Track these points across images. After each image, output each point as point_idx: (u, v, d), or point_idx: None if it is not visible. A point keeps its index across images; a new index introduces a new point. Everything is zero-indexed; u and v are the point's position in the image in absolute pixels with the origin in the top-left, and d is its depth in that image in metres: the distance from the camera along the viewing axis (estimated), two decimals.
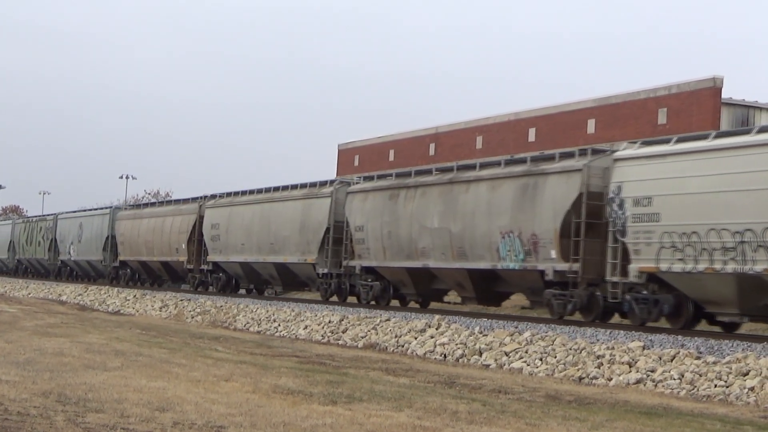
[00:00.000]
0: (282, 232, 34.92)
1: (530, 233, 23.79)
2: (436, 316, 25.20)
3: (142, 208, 50.60)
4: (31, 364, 14.82)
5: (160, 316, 36.77)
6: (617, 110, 45.73)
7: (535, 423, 11.51)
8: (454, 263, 26.48)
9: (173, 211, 44.91)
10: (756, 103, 43.40)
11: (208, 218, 40.79)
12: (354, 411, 11.59)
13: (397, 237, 28.58)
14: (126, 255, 49.42)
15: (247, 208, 37.84)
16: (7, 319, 26.81)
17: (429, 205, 27.53)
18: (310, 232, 33.28)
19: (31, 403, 10.83)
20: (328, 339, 26.57)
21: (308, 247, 33.25)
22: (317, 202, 33.30)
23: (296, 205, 34.48)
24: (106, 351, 17.85)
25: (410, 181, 28.99)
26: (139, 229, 47.59)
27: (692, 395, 16.18)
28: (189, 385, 13.22)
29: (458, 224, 26.20)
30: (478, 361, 20.95)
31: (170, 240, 43.93)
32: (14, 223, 70.30)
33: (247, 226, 37.43)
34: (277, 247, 35.22)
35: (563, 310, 23.36)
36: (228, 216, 39.14)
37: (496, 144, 52.32)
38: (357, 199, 31.07)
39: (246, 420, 10.43)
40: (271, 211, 36.02)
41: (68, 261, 57.76)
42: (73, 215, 59.04)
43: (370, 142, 64.88)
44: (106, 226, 51.84)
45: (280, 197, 35.92)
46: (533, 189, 24.05)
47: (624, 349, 18.73)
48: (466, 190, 26.33)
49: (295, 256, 34.04)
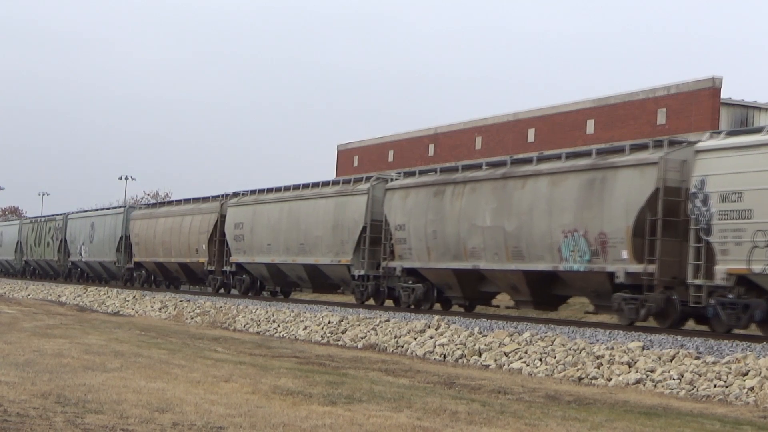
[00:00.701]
0: (313, 232, 33.24)
1: (598, 232, 22.22)
2: (436, 316, 25.20)
3: (158, 207, 48.50)
4: (30, 365, 14.82)
5: (159, 317, 36.76)
6: (616, 111, 45.73)
7: (534, 423, 11.51)
8: (508, 264, 24.78)
9: (192, 210, 42.95)
10: (755, 103, 43.40)
11: (230, 217, 39.00)
12: (353, 411, 11.59)
13: (444, 236, 26.84)
14: (141, 256, 47.65)
15: (274, 206, 36.14)
16: (7, 320, 26.80)
17: (480, 202, 25.76)
18: (344, 232, 31.58)
19: (30, 404, 10.83)
20: (327, 340, 26.57)
21: (342, 248, 31.55)
22: (352, 200, 31.55)
23: (329, 203, 32.76)
24: (105, 352, 17.85)
25: (458, 176, 27.11)
26: (155, 229, 45.75)
27: (692, 395, 16.18)
28: (188, 386, 13.22)
29: (513, 222, 24.53)
30: (477, 362, 20.95)
31: (189, 240, 42.14)
32: (21, 224, 68.51)
33: (274, 226, 35.75)
34: (307, 248, 33.56)
35: (635, 315, 21.69)
36: (252, 215, 37.38)
37: (495, 144, 52.33)
38: (397, 196, 29.28)
39: (245, 421, 10.43)
40: (301, 210, 34.34)
41: (79, 262, 56.15)
42: (84, 215, 57.30)
43: (369, 143, 64.87)
44: (119, 226, 50.06)
45: (311, 194, 34.15)
46: (601, 184, 22.42)
47: (623, 350, 18.73)
48: (523, 186, 24.56)
49: (328, 257, 32.37)
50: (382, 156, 62.30)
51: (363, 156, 64.91)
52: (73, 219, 57.61)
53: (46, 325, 25.75)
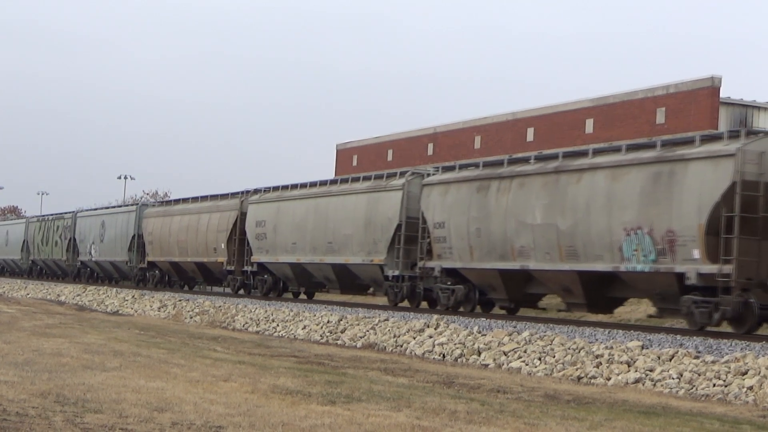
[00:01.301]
0: (342, 230, 31.61)
1: (665, 230, 20.59)
2: (435, 315, 25.19)
3: (173, 204, 46.06)
4: (29, 364, 14.82)
5: (158, 316, 36.75)
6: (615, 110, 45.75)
7: (533, 423, 11.51)
8: (561, 264, 23.19)
9: (210, 207, 40.98)
10: (754, 103, 43.43)
11: (251, 215, 37.22)
12: (353, 411, 11.59)
13: (488, 235, 25.24)
14: (155, 255, 45.65)
15: (300, 203, 34.47)
16: (6, 319, 26.80)
17: (529, 198, 24.17)
18: (377, 230, 29.94)
19: (29, 404, 10.82)
20: (326, 339, 26.56)
21: (375, 247, 29.96)
22: (386, 196, 29.89)
23: (360, 200, 31.11)
24: (104, 351, 17.84)
25: (503, 170, 25.42)
26: (170, 228, 43.73)
27: (691, 394, 16.18)
28: (187, 386, 13.21)
29: (567, 220, 22.95)
30: (476, 361, 20.95)
31: (207, 239, 40.23)
32: (28, 222, 66.19)
33: (299, 224, 34.07)
34: (336, 247, 31.93)
35: (707, 319, 20.15)
36: (276, 212, 35.68)
37: (494, 144, 52.35)
38: (435, 192, 27.58)
39: (244, 420, 10.42)
40: (329, 207, 32.61)
41: (89, 262, 54.15)
42: (94, 213, 55.46)
43: (369, 142, 64.90)
44: (132, 225, 48.04)
45: (340, 191, 32.49)
46: (669, 178, 20.77)
47: (622, 349, 18.74)
48: (578, 181, 23.00)
49: (359, 257, 30.78)
50: (381, 155, 62.31)
51: (362, 155, 64.92)
52: (82, 217, 55.81)
53: (46, 324, 25.75)
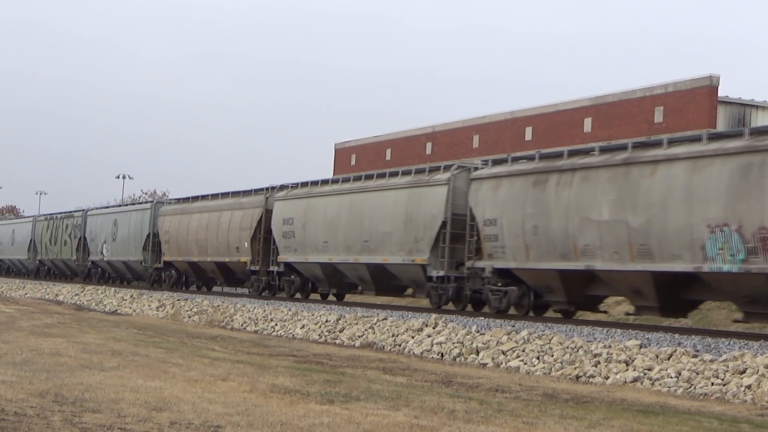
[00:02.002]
0: (380, 228, 29.64)
1: (757, 226, 19.01)
2: (433, 315, 25.18)
3: (191, 201, 43.64)
4: (27, 364, 14.81)
5: (157, 315, 36.74)
6: (613, 109, 45.79)
7: (532, 422, 11.51)
8: (632, 264, 21.39)
9: (232, 204, 38.96)
10: (752, 102, 43.49)
11: (278, 212, 35.34)
12: (351, 410, 11.59)
13: (547, 232, 23.54)
14: (172, 255, 43.52)
15: (332, 199, 32.54)
16: (4, 319, 26.78)
17: (594, 192, 22.45)
18: (419, 228, 28.02)
19: (27, 404, 10.82)
20: (325, 338, 26.56)
21: (416, 245, 28.05)
22: (429, 192, 27.93)
23: (399, 195, 29.14)
24: (103, 351, 17.84)
25: (563, 163, 23.62)
26: (188, 226, 41.71)
27: (689, 393, 16.19)
28: (186, 385, 13.21)
29: (640, 216, 21.16)
30: (475, 360, 20.95)
31: (228, 238, 38.20)
32: (35, 221, 63.68)
33: (331, 221, 32.15)
34: (372, 246, 29.98)
35: None
36: (305, 209, 33.75)
37: (492, 143, 52.38)
38: (485, 187, 25.81)
39: (243, 419, 10.42)
40: (365, 203, 30.65)
41: (100, 262, 52.06)
42: (106, 211, 53.81)
43: (367, 142, 64.95)
44: (146, 223, 45.98)
45: (377, 186, 30.50)
46: (760, 170, 19.04)
47: (621, 348, 18.74)
48: (652, 173, 21.15)
49: (398, 256, 28.81)
50: (380, 155, 62.34)
51: (360, 155, 64.95)
52: (93, 215, 53.93)
53: (44, 324, 25.73)
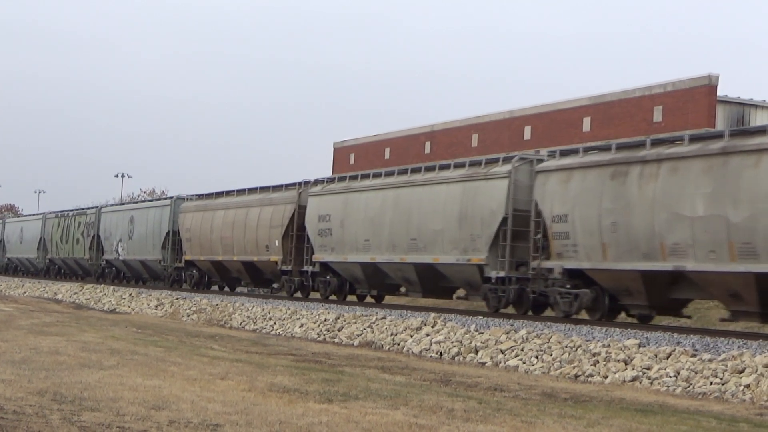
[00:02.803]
0: (430, 225, 27.45)
1: None
2: (432, 314, 25.17)
3: (215, 197, 41.12)
4: (26, 362, 14.80)
5: (155, 314, 36.73)
6: (612, 108, 45.78)
7: (530, 421, 11.51)
8: (732, 265, 19.38)
9: (261, 200, 36.69)
10: (751, 101, 43.47)
11: (313, 208, 33.06)
12: (350, 409, 11.59)
13: (628, 230, 21.51)
14: (194, 254, 41.15)
15: (374, 194, 30.27)
16: (3, 317, 26.77)
17: (685, 185, 20.44)
18: (475, 225, 25.80)
19: (26, 402, 10.81)
20: (323, 337, 26.56)
21: (472, 244, 25.83)
22: (487, 185, 25.78)
23: (452, 190, 26.95)
24: (101, 350, 17.83)
25: (647, 153, 21.60)
26: (212, 223, 39.46)
27: (688, 393, 16.19)
28: (185, 384, 13.20)
29: (743, 211, 19.19)
30: (473, 359, 20.95)
31: (257, 236, 35.98)
32: (45, 218, 61.09)
33: (374, 218, 29.85)
34: (421, 244, 27.77)
35: None
36: (343, 205, 31.53)
37: (491, 142, 52.38)
38: (554, 180, 23.71)
39: (242, 418, 10.42)
40: (412, 198, 28.43)
41: (115, 261, 49.96)
42: (122, 208, 51.39)
43: (366, 141, 64.93)
44: (166, 220, 43.73)
45: (426, 180, 28.28)
46: None
47: (620, 347, 18.74)
48: (756, 164, 19.12)
49: (452, 256, 26.59)
50: (379, 154, 62.33)
51: (359, 153, 64.94)
52: (107, 213, 51.80)
53: (43, 322, 25.72)
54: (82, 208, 57.53)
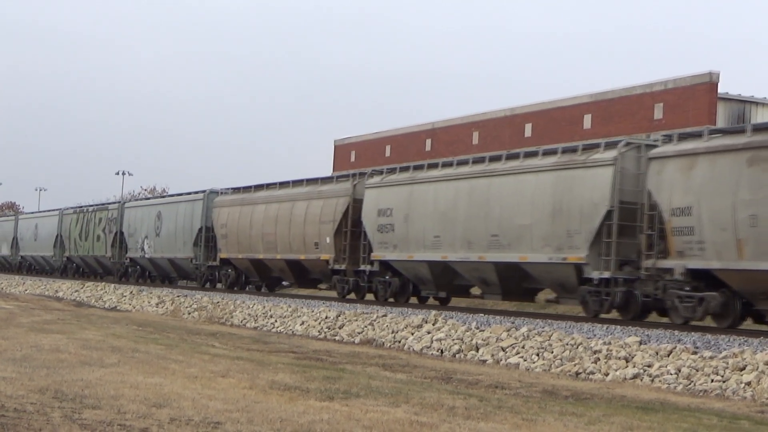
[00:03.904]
0: (515, 219, 24.62)
1: None
2: (433, 311, 25.17)
3: (254, 191, 38.18)
4: (27, 360, 14.81)
5: (156, 312, 36.75)
6: (613, 106, 45.79)
7: (531, 418, 11.51)
8: None
9: (308, 193, 33.96)
10: (752, 98, 43.49)
11: (371, 201, 30.23)
12: (351, 407, 11.59)
13: None
14: (230, 252, 38.30)
15: (445, 186, 27.38)
16: (4, 315, 26.78)
17: None
18: (572, 219, 23.08)
19: (27, 400, 10.81)
20: (324, 335, 26.57)
21: (569, 241, 23.11)
22: (586, 174, 22.92)
23: (543, 180, 24.11)
24: (102, 347, 17.83)
25: None
26: (251, 219, 36.75)
27: (689, 390, 16.19)
28: (186, 382, 13.20)
29: None
30: (474, 357, 20.95)
31: (305, 232, 33.23)
32: (62, 214, 58.09)
33: (445, 212, 26.99)
34: (505, 241, 24.87)
35: None
36: (408, 198, 28.67)
37: (492, 139, 52.39)
38: (672, 168, 20.94)
39: (243, 416, 10.42)
40: (492, 189, 25.53)
41: (140, 259, 47.25)
42: (147, 203, 48.82)
43: (367, 138, 64.96)
44: (198, 216, 40.91)
45: (509, 169, 25.33)
46: None
47: (621, 345, 18.74)
48: None
49: (543, 254, 23.80)
50: (379, 151, 62.34)
51: (360, 151, 64.96)
52: (131, 208, 49.08)
53: (44, 320, 25.73)
54: (103, 203, 55.41)
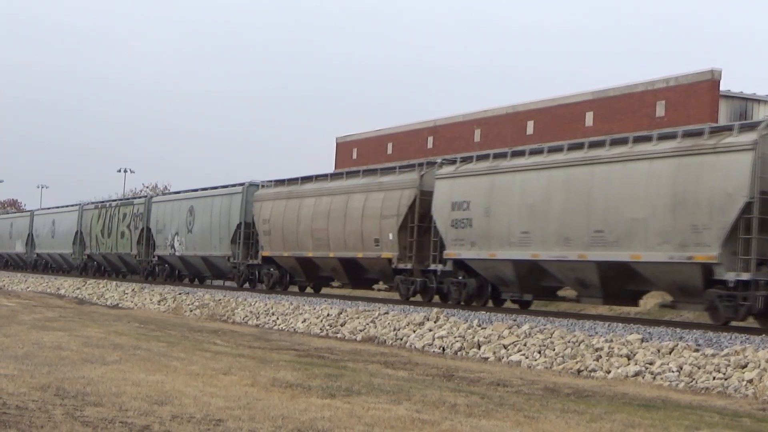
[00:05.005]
0: (624, 213, 21.69)
1: None
2: (434, 309, 25.16)
3: (301, 183, 35.28)
4: (29, 357, 14.82)
5: (158, 309, 36.76)
6: (615, 103, 45.74)
7: (533, 416, 11.51)
8: None
9: (367, 185, 31.17)
10: (754, 96, 43.43)
11: (443, 194, 27.17)
12: (353, 404, 11.59)
13: None
14: (274, 249, 35.46)
15: (536, 175, 24.31)
16: (6, 313, 26.79)
17: None
18: (700, 212, 20.15)
19: (29, 397, 10.82)
20: (326, 332, 26.57)
21: (696, 237, 20.18)
22: (718, 161, 20.06)
23: (659, 168, 21.15)
24: (104, 345, 17.84)
25: None
26: (299, 213, 34.04)
27: (691, 388, 16.18)
28: (187, 379, 13.21)
29: None
30: (476, 354, 20.95)
31: (363, 227, 30.50)
32: (82, 209, 55.08)
33: (535, 205, 24.11)
34: (611, 237, 22.00)
35: None
36: (488, 189, 25.67)
37: (494, 137, 52.34)
38: None
39: (244, 413, 10.42)
40: (594, 179, 22.66)
41: (169, 257, 44.33)
42: (177, 197, 44.91)
43: (368, 136, 64.92)
44: (236, 210, 38.24)
45: (614, 156, 22.33)
46: None
47: (622, 342, 18.74)
48: None
49: (662, 252, 20.87)
50: (381, 149, 62.31)
51: (362, 149, 64.93)
52: (159, 202, 46.17)
53: (45, 317, 25.74)
54: (129, 198, 52.86)
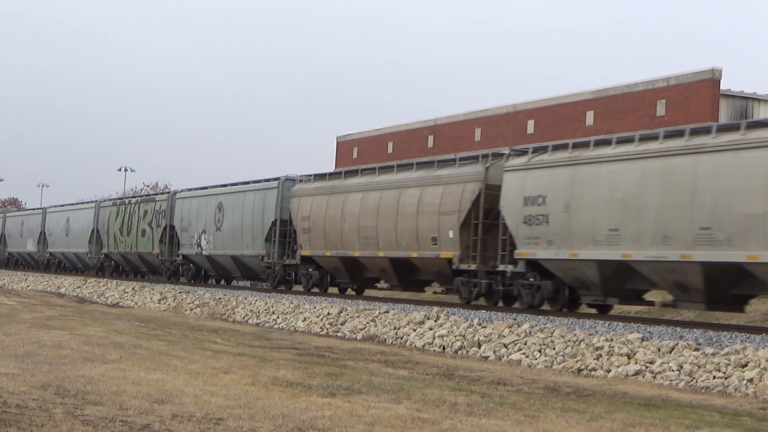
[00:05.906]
0: (738, 208, 19.26)
1: None
2: (435, 308, 25.16)
3: (345, 177, 32.96)
4: (29, 356, 14.82)
5: (158, 308, 36.76)
6: (615, 102, 45.73)
7: (533, 415, 11.51)
8: None
9: (422, 179, 28.54)
10: (755, 95, 43.41)
11: (513, 187, 24.69)
12: (353, 403, 11.59)
13: None
14: (314, 248, 32.99)
15: (626, 166, 21.80)
16: (6, 311, 26.80)
17: None
18: None
19: (29, 396, 10.82)
20: (326, 331, 26.57)
21: None
22: None
23: None
24: (104, 343, 17.84)
25: None
26: (343, 209, 31.50)
27: (691, 387, 16.18)
28: (188, 378, 13.21)
29: None
30: (476, 353, 20.95)
31: (418, 225, 28.00)
32: (99, 207, 52.87)
33: (625, 199, 21.59)
34: (722, 235, 19.50)
35: None
36: (569, 182, 23.17)
37: (494, 136, 52.33)
38: None
39: (245, 412, 10.42)
40: (699, 171, 20.12)
41: (195, 257, 41.89)
42: (204, 193, 41.88)
43: (369, 134, 64.89)
44: (271, 207, 35.77)
45: (724, 144, 19.72)
46: None
47: (623, 341, 18.74)
48: None
49: None
50: (382, 147, 62.30)
51: (362, 147, 64.91)
52: (184, 198, 43.41)
53: (46, 316, 25.75)
54: (150, 194, 50.45)
